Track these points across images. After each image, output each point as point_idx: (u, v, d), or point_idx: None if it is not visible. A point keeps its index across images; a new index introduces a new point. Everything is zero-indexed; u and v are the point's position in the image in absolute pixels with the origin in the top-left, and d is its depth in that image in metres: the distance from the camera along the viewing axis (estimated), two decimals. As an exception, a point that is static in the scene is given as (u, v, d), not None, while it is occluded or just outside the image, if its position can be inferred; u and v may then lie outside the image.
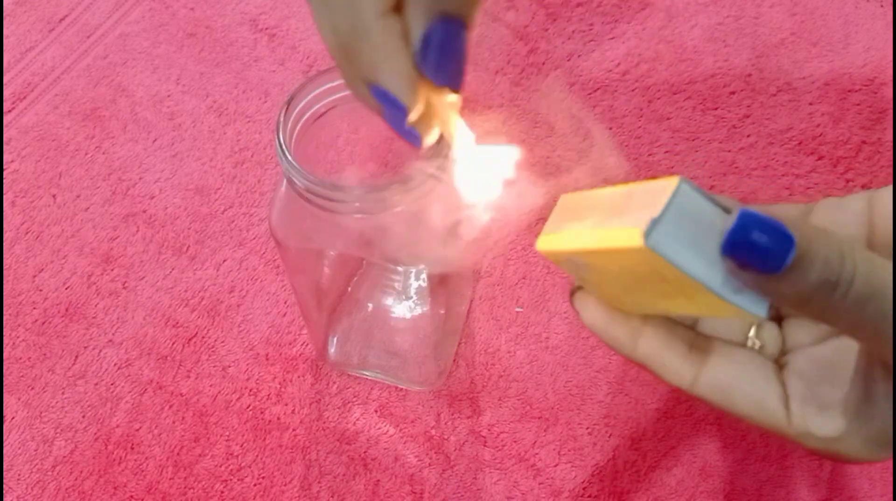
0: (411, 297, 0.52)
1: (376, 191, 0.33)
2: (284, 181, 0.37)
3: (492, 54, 0.64)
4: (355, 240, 0.39)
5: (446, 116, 0.30)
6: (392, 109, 0.28)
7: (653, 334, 0.31)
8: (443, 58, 0.27)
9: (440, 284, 0.47)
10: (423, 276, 0.49)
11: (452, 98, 0.29)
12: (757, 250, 0.25)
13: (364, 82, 0.28)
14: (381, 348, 0.52)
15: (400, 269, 0.51)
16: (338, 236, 0.39)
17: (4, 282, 0.57)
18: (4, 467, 0.51)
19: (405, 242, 0.35)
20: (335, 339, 0.52)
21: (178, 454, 0.51)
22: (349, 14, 0.27)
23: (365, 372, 0.52)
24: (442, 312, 0.49)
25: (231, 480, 0.50)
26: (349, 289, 0.53)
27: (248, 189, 0.60)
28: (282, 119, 0.36)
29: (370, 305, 0.53)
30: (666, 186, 0.26)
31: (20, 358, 0.54)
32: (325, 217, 0.36)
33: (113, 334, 0.55)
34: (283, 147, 0.35)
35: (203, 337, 0.54)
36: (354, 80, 0.29)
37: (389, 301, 0.52)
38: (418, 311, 0.51)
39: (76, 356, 0.54)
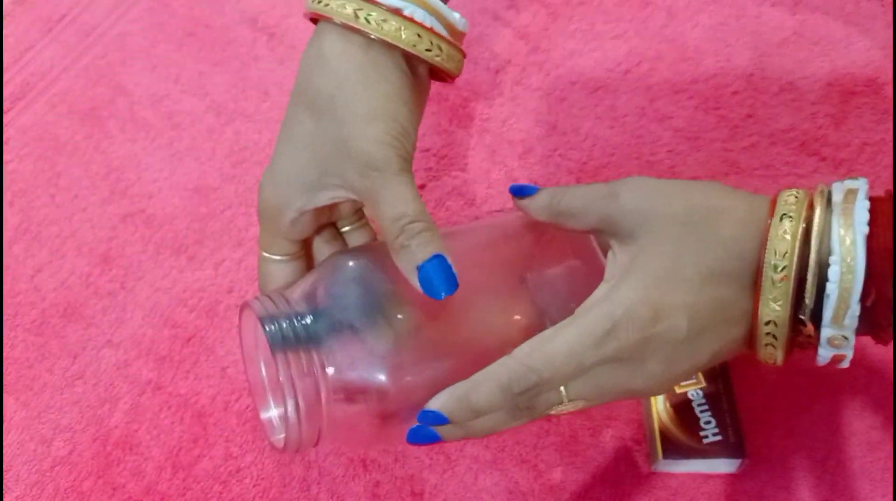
0: None
1: None
2: None
3: (493, 53, 0.64)
4: None
5: None
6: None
7: None
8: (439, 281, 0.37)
9: None
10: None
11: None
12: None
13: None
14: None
15: None
16: None
17: (3, 282, 0.57)
18: (3, 467, 0.51)
19: None
20: None
21: (176, 454, 0.51)
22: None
23: None
24: None
25: (230, 481, 0.50)
26: None
27: (248, 189, 0.60)
28: None
29: None
30: None
31: (18, 359, 0.54)
32: None
33: (111, 334, 0.55)
34: None
35: (202, 338, 0.54)
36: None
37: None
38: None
39: (75, 357, 0.54)
